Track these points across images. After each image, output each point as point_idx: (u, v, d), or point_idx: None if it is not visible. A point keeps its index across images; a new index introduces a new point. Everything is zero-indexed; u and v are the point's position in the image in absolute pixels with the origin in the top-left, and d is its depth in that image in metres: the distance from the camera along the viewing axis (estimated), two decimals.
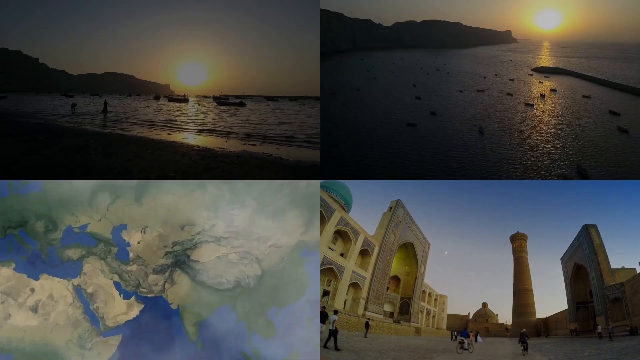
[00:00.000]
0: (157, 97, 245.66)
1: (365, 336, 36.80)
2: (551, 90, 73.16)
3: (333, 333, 21.25)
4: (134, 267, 20.77)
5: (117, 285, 20.72)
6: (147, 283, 20.76)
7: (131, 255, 20.78)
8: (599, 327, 47.51)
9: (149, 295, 20.74)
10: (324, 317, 22.53)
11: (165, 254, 20.63)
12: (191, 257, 20.70)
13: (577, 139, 42.14)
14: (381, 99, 64.25)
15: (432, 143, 40.95)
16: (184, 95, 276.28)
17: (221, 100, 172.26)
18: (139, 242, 20.64)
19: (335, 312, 24.38)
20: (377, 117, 51.80)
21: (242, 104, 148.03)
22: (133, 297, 20.80)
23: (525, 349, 30.47)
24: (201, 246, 20.63)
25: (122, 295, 20.65)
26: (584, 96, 66.26)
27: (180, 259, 20.69)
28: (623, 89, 72.20)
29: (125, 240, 20.71)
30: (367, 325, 39.17)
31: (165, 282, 20.76)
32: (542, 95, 67.49)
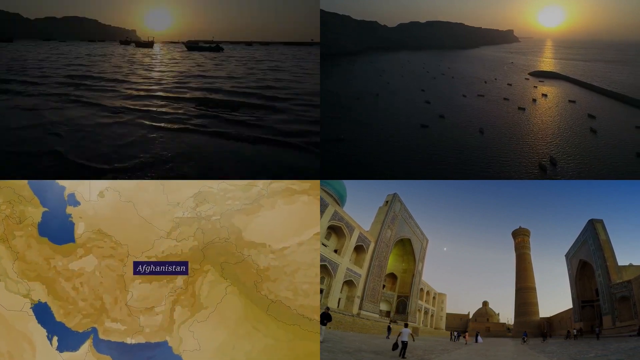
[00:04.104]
0: (125, 42, 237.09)
1: (387, 337, 38.44)
2: (543, 95, 79.42)
3: (404, 344, 22.50)
4: None
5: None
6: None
7: None
8: (575, 330, 51.27)
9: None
10: (326, 317, 21.66)
11: None
12: None
13: (555, 137, 49.13)
14: (396, 103, 70.46)
15: (442, 142, 47.35)
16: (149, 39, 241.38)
17: (192, 45, 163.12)
18: None
19: (406, 325, 25.70)
20: (396, 119, 58.25)
21: (218, 48, 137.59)
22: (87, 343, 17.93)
23: (525, 341, 50.60)
24: None
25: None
26: (570, 100, 72.81)
27: None
28: (606, 93, 79.39)
29: None
30: (389, 329, 41.36)
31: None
32: (534, 100, 73.74)
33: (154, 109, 48.92)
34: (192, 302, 17.62)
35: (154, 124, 41.19)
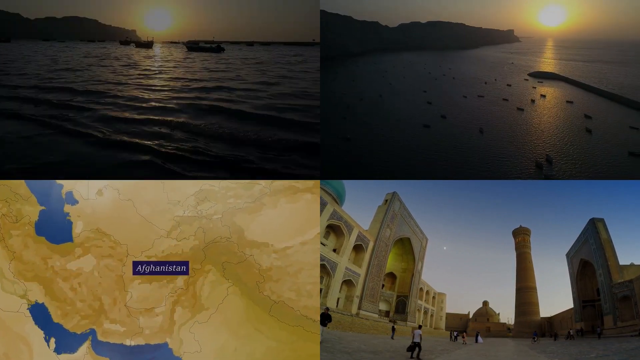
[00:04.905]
0: (125, 42, 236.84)
1: (392, 337, 39.51)
2: (541, 95, 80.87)
3: (418, 345, 22.99)
4: None
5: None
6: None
7: None
8: (572, 330, 51.52)
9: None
10: (326, 318, 21.21)
11: None
12: None
13: (552, 137, 50.81)
14: (398, 104, 72.47)
15: (443, 142, 48.84)
16: (149, 39, 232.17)
17: (193, 45, 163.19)
18: None
19: (420, 327, 26.69)
20: (398, 120, 59.87)
21: (219, 49, 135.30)
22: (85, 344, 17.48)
23: (535, 340, 52.46)
24: None
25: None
26: (567, 101, 74.16)
27: None
28: (603, 94, 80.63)
29: None
30: (393, 329, 42.45)
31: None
32: (533, 101, 75.26)
33: (170, 145, 34.55)
34: (193, 303, 17.24)
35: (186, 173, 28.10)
